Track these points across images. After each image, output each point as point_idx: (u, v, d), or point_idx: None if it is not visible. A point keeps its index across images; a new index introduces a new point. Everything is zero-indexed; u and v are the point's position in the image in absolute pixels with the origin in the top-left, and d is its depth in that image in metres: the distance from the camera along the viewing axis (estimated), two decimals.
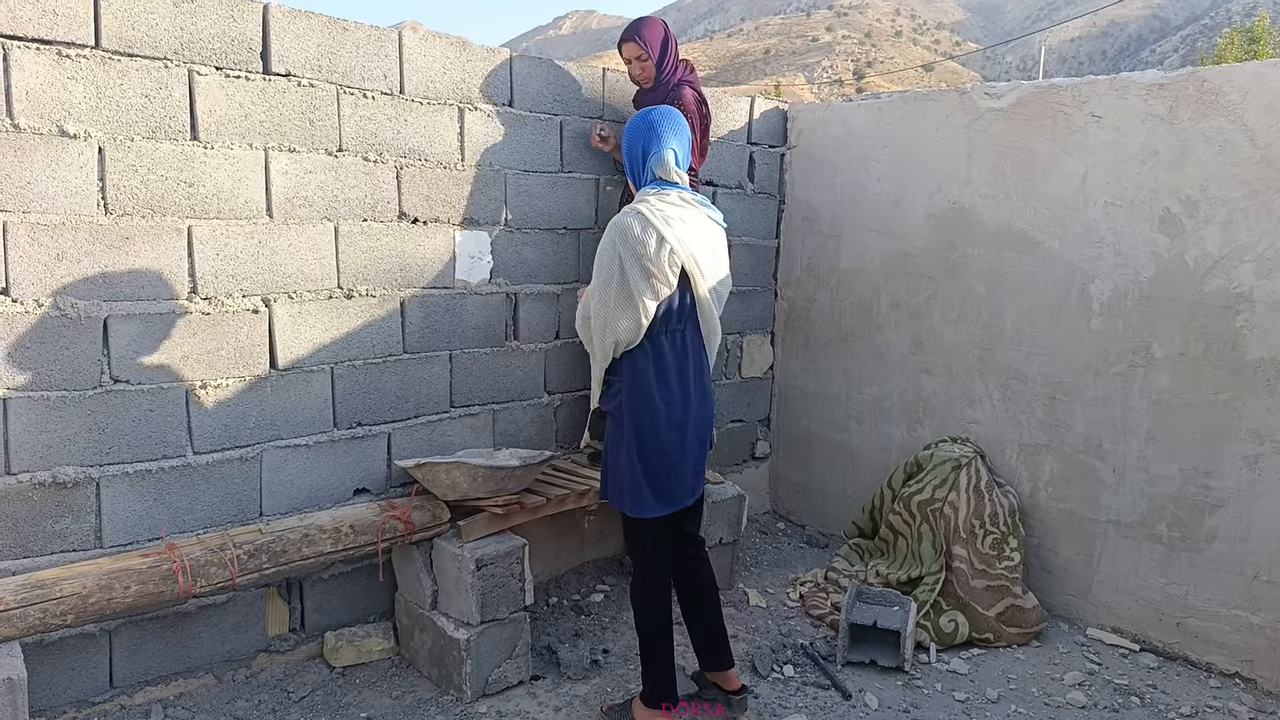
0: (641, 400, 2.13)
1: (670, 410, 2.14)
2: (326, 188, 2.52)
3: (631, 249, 2.05)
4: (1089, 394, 2.98)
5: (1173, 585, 2.84)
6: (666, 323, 2.13)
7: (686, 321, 2.18)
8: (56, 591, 1.93)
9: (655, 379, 2.13)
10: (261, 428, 2.47)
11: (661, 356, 2.14)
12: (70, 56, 2.07)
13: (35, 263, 2.07)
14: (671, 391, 2.15)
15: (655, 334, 2.13)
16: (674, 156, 2.15)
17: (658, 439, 2.14)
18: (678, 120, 2.18)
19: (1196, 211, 2.71)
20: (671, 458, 2.16)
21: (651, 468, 2.16)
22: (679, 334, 2.17)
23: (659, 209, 2.09)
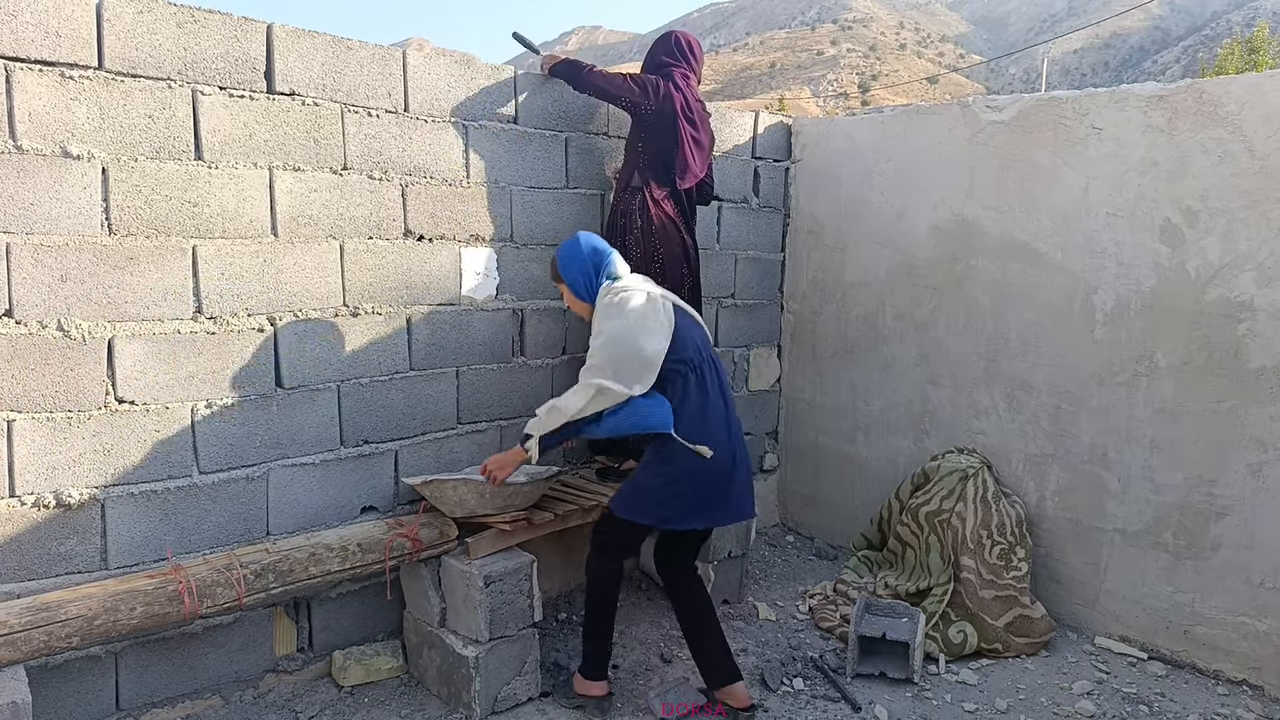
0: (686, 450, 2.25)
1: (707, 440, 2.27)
2: (332, 206, 2.53)
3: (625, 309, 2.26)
4: (1093, 404, 2.98)
5: (1179, 593, 2.82)
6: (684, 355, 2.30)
7: (703, 354, 2.35)
8: (61, 614, 1.93)
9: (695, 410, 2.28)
10: (268, 447, 2.47)
11: (697, 387, 2.30)
12: (73, 78, 2.08)
13: (39, 284, 2.08)
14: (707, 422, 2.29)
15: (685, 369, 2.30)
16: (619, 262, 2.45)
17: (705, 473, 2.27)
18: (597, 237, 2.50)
19: (1197, 221, 2.72)
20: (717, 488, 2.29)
21: (689, 500, 2.28)
22: (704, 368, 2.33)
23: (627, 285, 2.35)
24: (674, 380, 2.28)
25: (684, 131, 2.95)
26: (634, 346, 2.23)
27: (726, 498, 2.32)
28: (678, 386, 2.28)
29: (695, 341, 2.34)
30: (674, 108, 2.93)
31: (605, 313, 2.31)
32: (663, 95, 2.92)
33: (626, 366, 2.22)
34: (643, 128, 2.96)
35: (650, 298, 2.31)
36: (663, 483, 2.29)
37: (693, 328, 2.38)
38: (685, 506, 2.29)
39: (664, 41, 3.15)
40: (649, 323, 2.25)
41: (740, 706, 2.41)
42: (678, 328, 2.30)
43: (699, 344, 2.35)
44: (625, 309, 2.27)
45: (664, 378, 2.27)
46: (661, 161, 2.96)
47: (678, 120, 2.93)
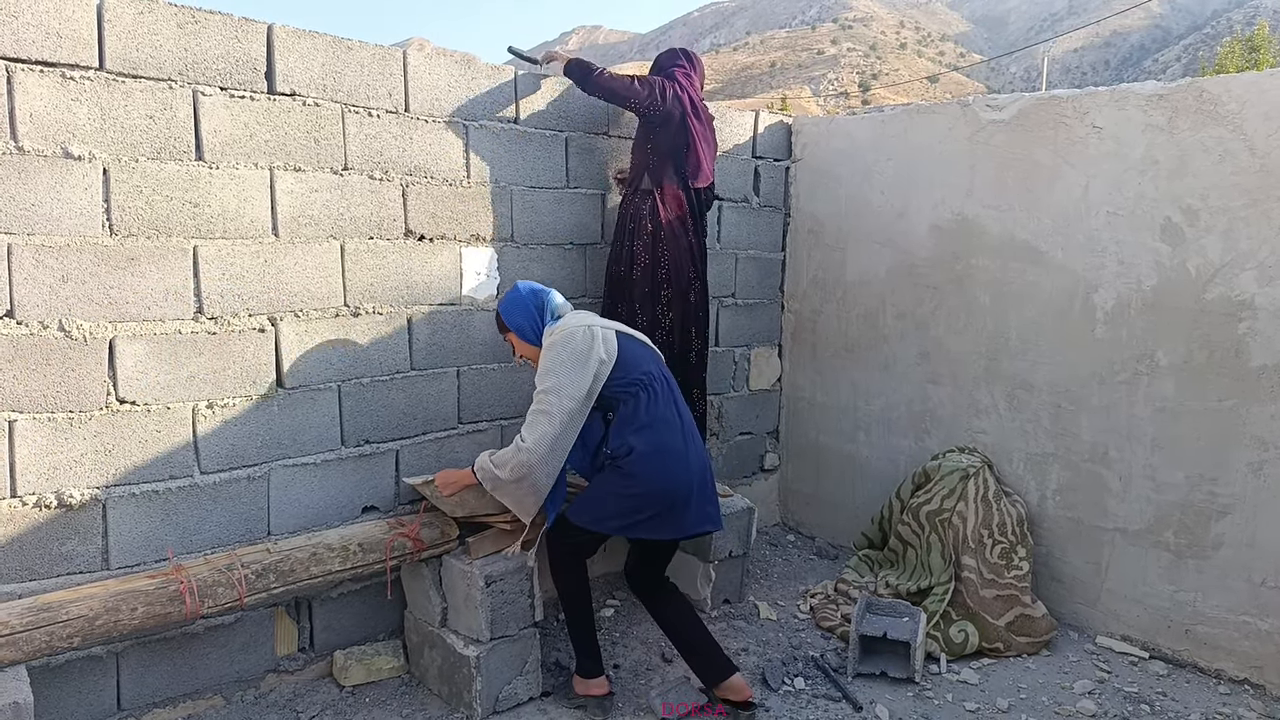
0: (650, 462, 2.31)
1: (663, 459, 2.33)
2: (332, 206, 2.54)
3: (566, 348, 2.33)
4: (1094, 403, 2.98)
5: (1181, 592, 2.82)
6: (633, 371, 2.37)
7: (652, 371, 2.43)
8: (63, 614, 1.93)
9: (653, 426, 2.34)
10: (269, 447, 2.47)
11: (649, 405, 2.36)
12: (74, 79, 2.09)
13: (40, 284, 2.08)
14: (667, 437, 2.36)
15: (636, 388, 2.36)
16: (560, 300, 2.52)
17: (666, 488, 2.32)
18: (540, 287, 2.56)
19: (1197, 220, 2.72)
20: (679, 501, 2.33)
21: (652, 511, 2.31)
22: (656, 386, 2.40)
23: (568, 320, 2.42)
24: (625, 400, 2.35)
25: (694, 130, 2.98)
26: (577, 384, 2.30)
27: (686, 508, 2.34)
28: (629, 405, 2.35)
29: (642, 364, 2.41)
30: (683, 107, 2.96)
31: (549, 352, 2.35)
32: (670, 96, 2.95)
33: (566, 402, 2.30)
34: (651, 129, 2.97)
35: (589, 332, 2.36)
36: (623, 493, 2.32)
37: (640, 350, 2.46)
38: (648, 517, 2.31)
39: (668, 52, 3.23)
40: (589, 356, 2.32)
41: (740, 700, 2.42)
42: (622, 352, 2.37)
43: (647, 365, 2.42)
44: (567, 347, 2.33)
45: (615, 399, 2.35)
46: (672, 162, 2.98)
47: (687, 119, 2.96)
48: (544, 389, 2.31)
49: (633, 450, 2.31)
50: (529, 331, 2.47)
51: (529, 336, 2.47)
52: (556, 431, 2.28)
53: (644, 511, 2.31)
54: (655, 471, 2.30)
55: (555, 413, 2.28)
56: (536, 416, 2.31)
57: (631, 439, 2.31)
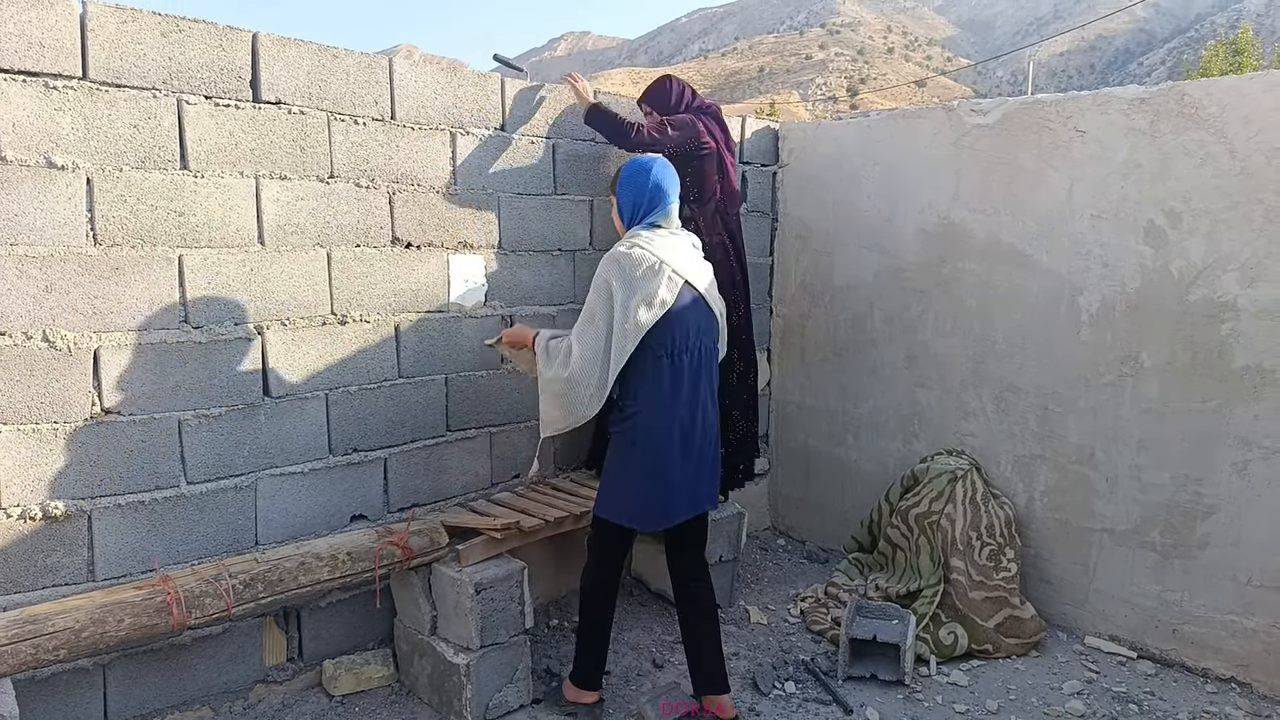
0: (654, 426, 2.25)
1: (669, 429, 2.26)
2: (319, 214, 2.53)
3: (628, 273, 2.22)
4: (1081, 404, 3.00)
5: (1168, 592, 2.84)
6: (672, 344, 2.26)
7: (700, 340, 2.32)
8: (48, 626, 1.91)
9: (668, 403, 2.26)
10: (256, 456, 2.46)
11: (670, 380, 2.26)
12: (57, 88, 2.08)
13: (24, 295, 2.06)
14: (676, 408, 2.27)
15: (661, 357, 2.25)
16: (677, 208, 2.37)
17: (666, 462, 2.26)
18: (673, 174, 2.39)
19: (1180, 223, 2.75)
20: (678, 478, 2.28)
21: (659, 495, 2.27)
22: (685, 356, 2.29)
23: (652, 240, 2.28)
24: (645, 359, 2.23)
25: (727, 161, 3.09)
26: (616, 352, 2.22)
27: (690, 485, 2.30)
28: (648, 366, 2.24)
29: (685, 330, 2.27)
30: (715, 141, 3.06)
31: (606, 265, 2.25)
32: (704, 133, 3.03)
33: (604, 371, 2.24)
34: (687, 160, 3.02)
35: (656, 269, 2.21)
36: (625, 472, 2.28)
37: (692, 315, 2.29)
38: (653, 503, 2.27)
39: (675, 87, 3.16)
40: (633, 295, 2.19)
41: (724, 718, 2.41)
42: (672, 311, 2.23)
43: (689, 333, 2.28)
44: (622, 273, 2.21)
45: (638, 355, 2.23)
46: (709, 189, 3.07)
47: (721, 152, 3.07)
48: (593, 307, 2.24)
49: (638, 412, 2.24)
50: (625, 210, 2.35)
51: (623, 214, 2.36)
52: (601, 348, 2.22)
53: (648, 495, 2.26)
54: (655, 449, 2.24)
55: (602, 331, 2.22)
56: (585, 329, 2.26)
57: (641, 395, 2.24)
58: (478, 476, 2.99)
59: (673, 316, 2.23)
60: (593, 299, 2.27)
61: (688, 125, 3.01)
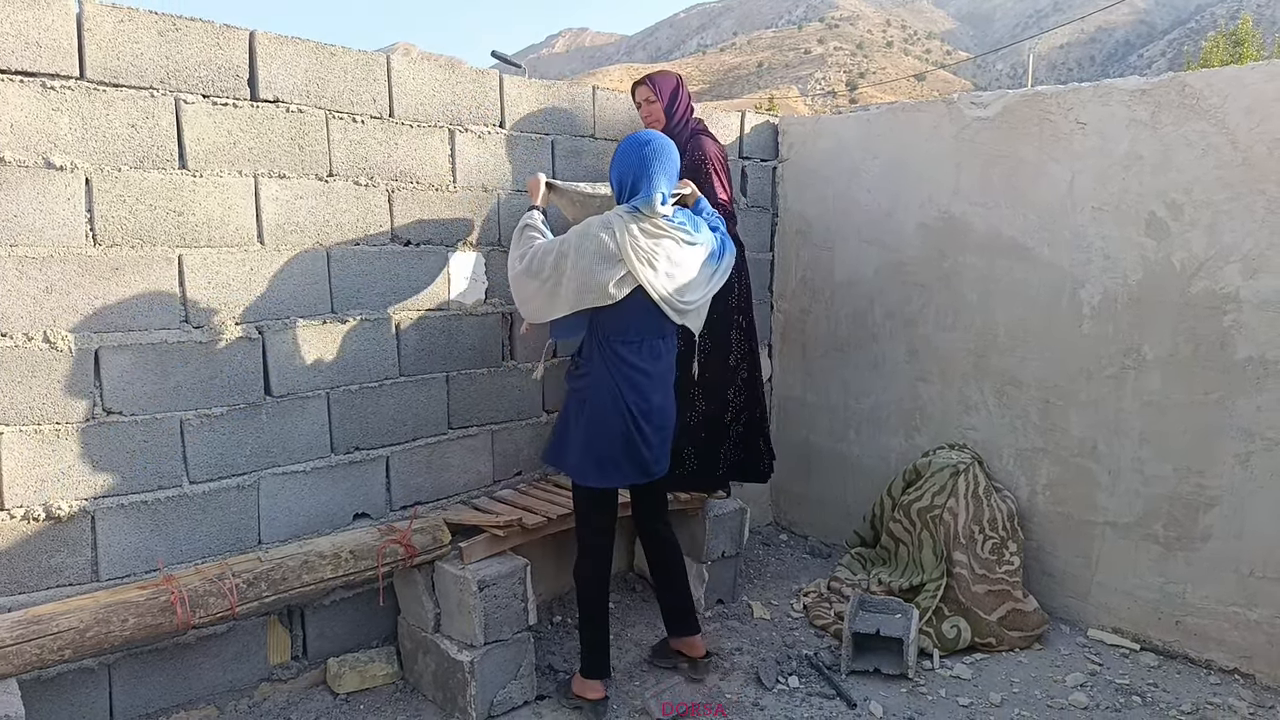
0: (601, 391, 2.33)
1: (624, 405, 2.33)
2: (318, 213, 2.53)
3: (586, 252, 2.22)
4: (1082, 397, 2.99)
5: (1170, 584, 2.84)
6: (623, 332, 2.32)
7: (648, 332, 2.35)
8: (53, 627, 1.92)
9: (618, 376, 2.33)
10: (258, 455, 2.46)
11: (624, 358, 2.33)
12: (55, 88, 2.07)
13: (24, 296, 2.06)
14: (629, 389, 2.33)
15: (614, 340, 2.32)
16: (661, 198, 2.28)
17: (611, 431, 2.34)
18: (669, 155, 2.32)
19: (1181, 214, 2.74)
20: (621, 447, 2.35)
21: (600, 452, 2.35)
22: (636, 343, 2.35)
23: (633, 233, 2.24)
24: (599, 332, 2.33)
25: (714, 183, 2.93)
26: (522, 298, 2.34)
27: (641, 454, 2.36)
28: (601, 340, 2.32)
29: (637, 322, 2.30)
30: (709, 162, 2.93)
31: (578, 233, 2.24)
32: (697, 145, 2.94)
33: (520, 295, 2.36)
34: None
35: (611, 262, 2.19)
36: (573, 427, 2.38)
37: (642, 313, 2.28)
38: (599, 460, 2.34)
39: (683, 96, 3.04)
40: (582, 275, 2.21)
41: (696, 655, 2.59)
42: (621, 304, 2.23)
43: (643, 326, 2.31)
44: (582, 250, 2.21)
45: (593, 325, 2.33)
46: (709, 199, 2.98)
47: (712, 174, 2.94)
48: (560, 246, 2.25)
49: (589, 374, 2.34)
50: (614, 186, 2.35)
51: (614, 189, 2.36)
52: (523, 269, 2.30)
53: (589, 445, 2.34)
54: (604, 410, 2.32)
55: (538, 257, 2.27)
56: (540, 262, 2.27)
57: (595, 361, 2.33)
58: (479, 474, 2.99)
59: (619, 310, 2.27)
60: (562, 246, 2.24)
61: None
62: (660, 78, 3.04)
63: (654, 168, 2.25)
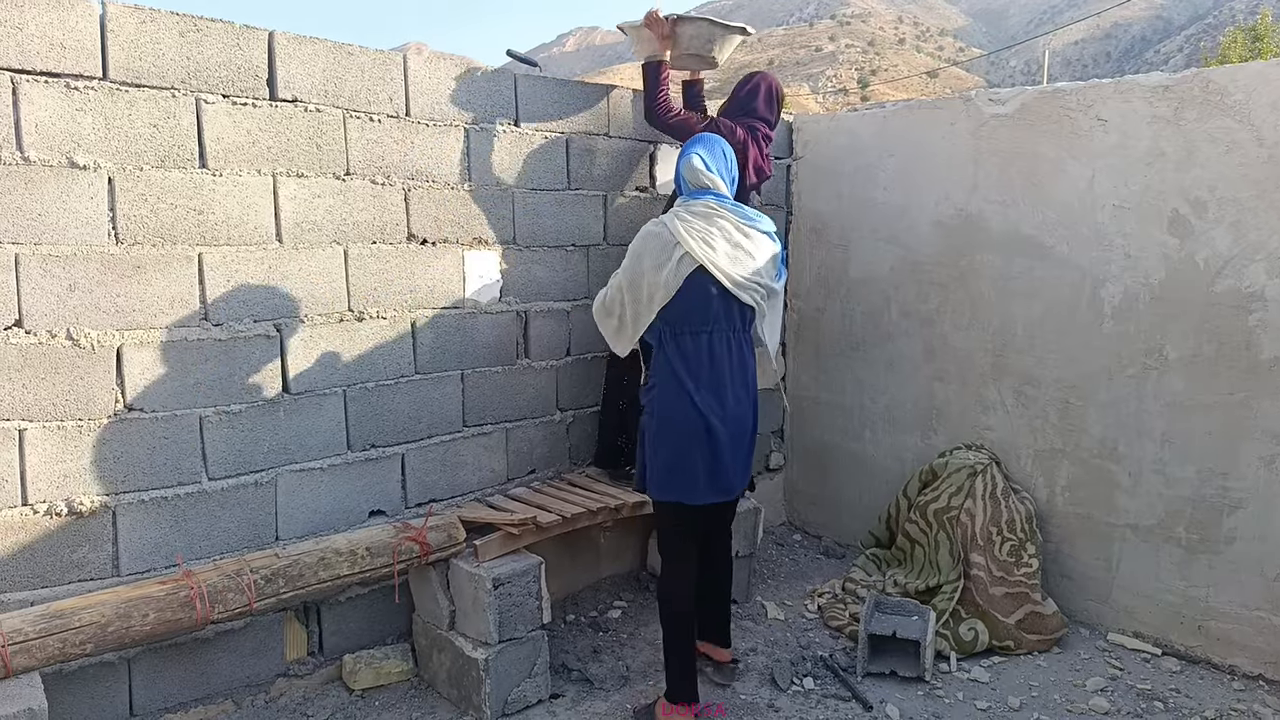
0: (669, 397, 2.28)
1: (695, 409, 2.26)
2: (335, 211, 2.54)
3: (643, 249, 2.28)
4: (1103, 398, 2.96)
5: (1193, 588, 2.81)
6: (689, 323, 2.27)
7: (718, 323, 2.29)
8: (75, 621, 1.94)
9: (686, 377, 2.26)
10: (275, 452, 2.47)
11: (689, 356, 2.27)
12: (78, 89, 2.09)
13: (48, 294, 2.09)
14: (699, 390, 2.26)
15: (681, 334, 2.27)
16: (700, 160, 2.35)
17: (682, 435, 2.27)
18: (708, 139, 2.45)
19: (1205, 212, 2.70)
20: (695, 453, 2.27)
21: (675, 461, 2.28)
22: (705, 335, 2.28)
23: (686, 218, 2.29)
24: (662, 336, 2.30)
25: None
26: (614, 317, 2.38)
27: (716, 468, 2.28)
28: (665, 344, 2.30)
29: (699, 311, 2.25)
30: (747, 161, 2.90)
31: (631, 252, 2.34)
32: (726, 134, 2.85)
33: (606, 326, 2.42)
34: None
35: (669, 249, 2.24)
36: (650, 445, 2.32)
37: (704, 298, 2.25)
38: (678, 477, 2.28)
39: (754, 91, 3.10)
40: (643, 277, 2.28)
41: (722, 660, 2.59)
42: (681, 293, 2.23)
43: (706, 315, 2.26)
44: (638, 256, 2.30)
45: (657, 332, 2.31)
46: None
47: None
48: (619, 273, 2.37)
49: (656, 386, 2.30)
50: (676, 180, 2.44)
51: (676, 183, 2.44)
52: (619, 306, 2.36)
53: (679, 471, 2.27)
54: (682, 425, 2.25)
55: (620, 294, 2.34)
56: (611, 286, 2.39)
57: (660, 372, 2.29)
58: (494, 472, 3.00)
59: (683, 298, 2.24)
60: (619, 274, 2.37)
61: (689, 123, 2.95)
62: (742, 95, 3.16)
63: (711, 167, 2.36)
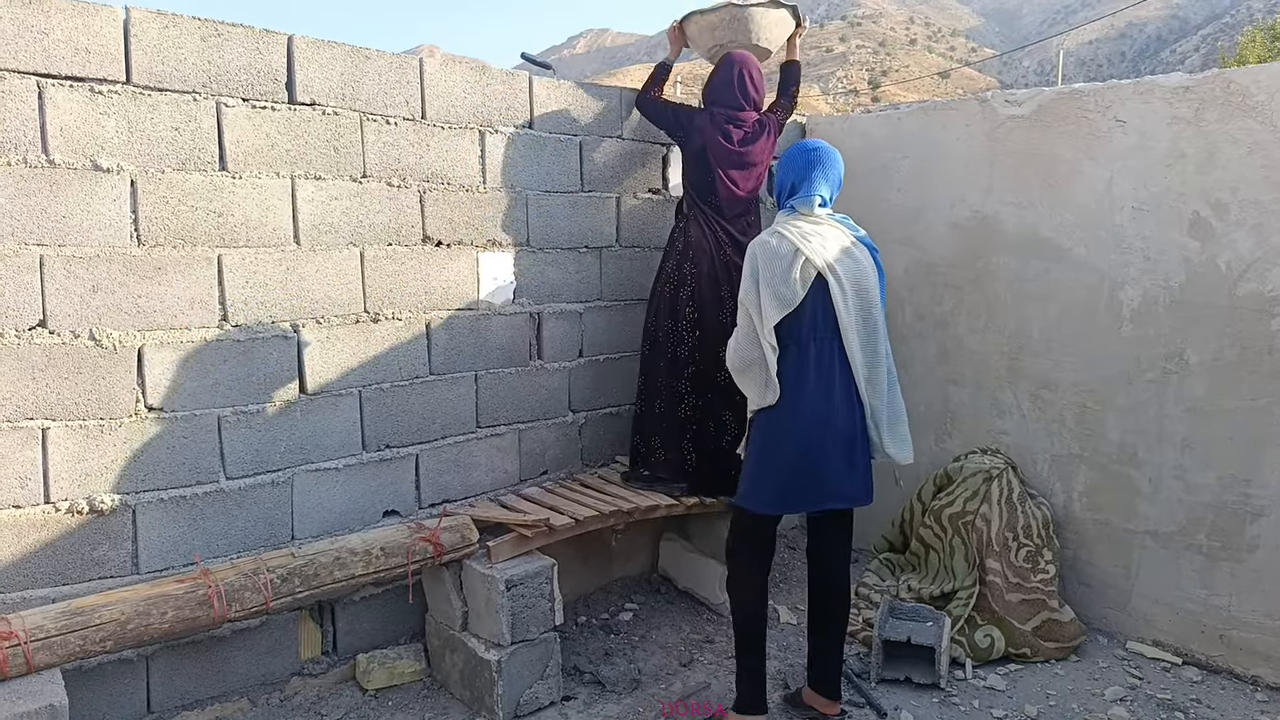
0: (786, 407, 2.21)
1: (799, 416, 2.21)
2: (352, 213, 2.56)
3: (763, 262, 2.22)
4: (1121, 402, 2.93)
5: (1214, 596, 2.77)
6: (798, 332, 2.22)
7: (830, 332, 2.24)
8: (96, 618, 1.96)
9: (792, 384, 2.20)
10: (292, 452, 2.49)
11: (798, 363, 2.22)
12: (102, 93, 2.12)
13: (71, 294, 2.12)
14: (804, 397, 2.21)
15: (790, 342, 2.22)
16: (819, 200, 2.31)
17: (786, 445, 2.22)
18: (833, 162, 2.35)
19: (1227, 214, 2.67)
20: (798, 463, 2.22)
21: (771, 467, 2.24)
22: (823, 342, 2.23)
23: (795, 226, 2.27)
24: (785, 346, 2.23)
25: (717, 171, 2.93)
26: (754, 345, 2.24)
27: (826, 476, 2.21)
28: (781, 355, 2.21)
29: (815, 319, 2.21)
30: (704, 141, 2.93)
31: (746, 278, 2.26)
32: (696, 128, 2.96)
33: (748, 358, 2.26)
34: (684, 155, 3.06)
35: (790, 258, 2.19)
36: (759, 458, 2.24)
37: (821, 306, 2.22)
38: (787, 486, 2.21)
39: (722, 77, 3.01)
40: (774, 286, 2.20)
41: (829, 714, 2.42)
42: (804, 301, 2.19)
43: (818, 323, 2.22)
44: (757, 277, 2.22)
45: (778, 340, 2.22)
46: (705, 187, 2.98)
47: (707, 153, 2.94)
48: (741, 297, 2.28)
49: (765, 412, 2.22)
50: (776, 188, 2.40)
51: (776, 192, 2.41)
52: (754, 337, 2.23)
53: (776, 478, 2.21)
54: (787, 437, 2.20)
55: (752, 321, 2.24)
56: (740, 320, 2.28)
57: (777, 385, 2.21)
58: (506, 473, 3.01)
59: (803, 306, 2.20)
60: (740, 292, 2.29)
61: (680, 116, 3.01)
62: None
63: (815, 172, 2.30)
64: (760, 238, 2.29)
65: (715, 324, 2.90)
